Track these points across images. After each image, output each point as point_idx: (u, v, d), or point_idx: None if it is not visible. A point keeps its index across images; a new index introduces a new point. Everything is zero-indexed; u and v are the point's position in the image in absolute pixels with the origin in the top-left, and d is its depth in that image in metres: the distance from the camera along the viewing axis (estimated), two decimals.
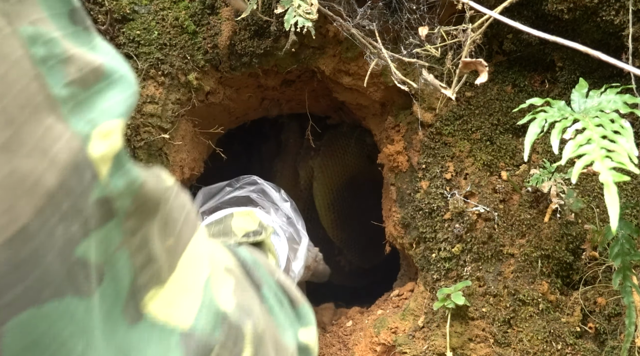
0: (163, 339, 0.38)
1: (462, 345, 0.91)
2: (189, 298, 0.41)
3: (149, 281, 0.38)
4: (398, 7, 0.91)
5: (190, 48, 0.97)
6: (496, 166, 0.95)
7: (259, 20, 0.95)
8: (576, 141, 0.56)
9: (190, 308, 0.41)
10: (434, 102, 0.97)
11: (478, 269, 0.92)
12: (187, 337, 0.40)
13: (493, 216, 0.91)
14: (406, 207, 1.01)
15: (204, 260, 0.45)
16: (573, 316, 0.89)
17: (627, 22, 0.81)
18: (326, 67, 1.03)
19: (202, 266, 0.44)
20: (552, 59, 0.94)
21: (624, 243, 0.76)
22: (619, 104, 0.63)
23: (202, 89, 1.03)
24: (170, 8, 0.97)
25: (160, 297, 0.39)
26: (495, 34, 0.94)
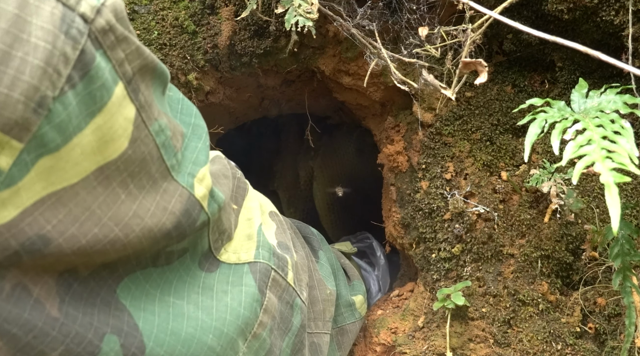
0: (237, 271, 0.56)
1: (462, 345, 0.91)
2: (250, 243, 0.60)
3: (221, 243, 0.55)
4: (398, 7, 0.91)
5: (190, 48, 0.97)
6: (496, 166, 0.94)
7: (258, 20, 0.95)
8: (577, 142, 0.56)
9: (251, 248, 0.59)
10: (434, 102, 0.97)
11: (478, 270, 0.92)
12: (254, 265, 0.59)
13: (493, 216, 0.91)
14: (406, 207, 1.01)
15: (255, 213, 0.63)
16: (573, 317, 0.89)
17: (627, 22, 0.81)
18: (326, 67, 1.03)
19: (255, 218, 0.63)
20: (552, 59, 0.94)
21: (624, 243, 0.76)
22: (619, 104, 0.62)
23: (202, 89, 1.03)
24: (170, 8, 0.97)
25: (230, 248, 0.57)
26: (495, 34, 0.94)
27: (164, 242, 0.46)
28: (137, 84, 0.41)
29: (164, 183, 0.45)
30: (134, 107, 0.41)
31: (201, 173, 0.49)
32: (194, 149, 0.49)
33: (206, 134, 0.51)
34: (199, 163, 0.48)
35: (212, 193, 0.50)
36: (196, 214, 0.48)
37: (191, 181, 0.47)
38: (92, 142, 0.38)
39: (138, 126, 0.41)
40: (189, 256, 0.51)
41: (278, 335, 0.63)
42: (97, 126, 0.38)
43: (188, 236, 0.48)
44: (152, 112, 0.43)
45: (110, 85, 0.39)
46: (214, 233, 0.53)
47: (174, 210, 0.45)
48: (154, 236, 0.44)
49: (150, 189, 0.44)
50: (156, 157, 0.44)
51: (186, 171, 0.47)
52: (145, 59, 0.42)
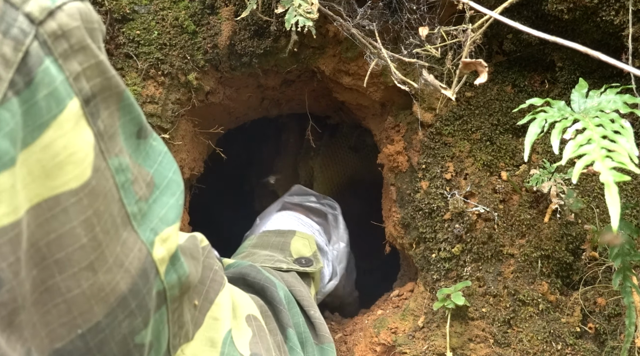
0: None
1: (462, 345, 0.91)
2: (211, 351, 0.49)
3: (179, 341, 0.46)
4: (398, 7, 0.91)
5: (190, 48, 0.97)
6: (496, 166, 0.95)
7: (258, 20, 0.95)
8: (576, 141, 0.56)
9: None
10: (434, 102, 0.97)
11: (478, 270, 0.92)
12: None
13: (493, 216, 0.91)
14: (406, 207, 1.01)
15: (226, 315, 0.53)
16: (573, 317, 0.89)
17: (627, 22, 0.81)
18: (326, 67, 1.03)
19: (225, 322, 0.52)
20: (552, 59, 0.94)
21: (624, 243, 0.76)
22: (619, 104, 0.62)
23: (202, 89, 1.03)
24: (170, 8, 0.97)
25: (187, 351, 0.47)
26: (495, 34, 0.94)
27: (123, 317, 0.37)
28: (97, 107, 0.36)
29: (124, 233, 0.38)
30: (91, 132, 0.36)
31: (166, 233, 0.41)
32: (164, 205, 0.42)
33: (181, 193, 0.44)
34: (166, 221, 0.42)
35: (174, 261, 0.42)
36: (152, 279, 0.40)
37: (152, 238, 0.40)
38: (44, 161, 0.33)
39: (97, 155, 0.36)
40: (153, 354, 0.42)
41: None
42: (48, 143, 0.33)
43: (150, 315, 0.40)
44: (112, 145, 0.38)
45: (63, 97, 0.34)
46: (174, 324, 0.44)
47: (130, 268, 0.38)
48: (106, 299, 0.36)
49: (114, 237, 0.37)
50: (116, 198, 0.38)
51: (149, 226, 0.40)
52: (109, 81, 0.37)
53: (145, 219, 0.40)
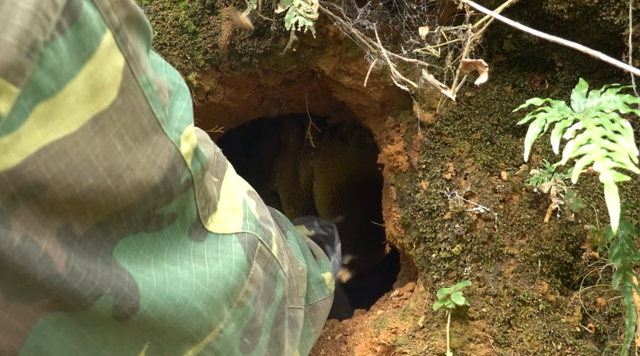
0: (225, 240, 0.57)
1: (462, 345, 0.91)
2: (235, 214, 0.61)
3: (208, 212, 0.56)
4: (398, 7, 0.91)
5: (190, 48, 0.97)
6: (496, 166, 0.95)
7: (259, 20, 0.95)
8: (576, 141, 0.56)
9: (238, 219, 0.61)
10: (434, 102, 0.97)
11: (478, 270, 0.92)
12: (242, 235, 0.60)
13: (493, 216, 0.91)
14: (406, 207, 1.01)
15: (237, 188, 0.64)
16: (573, 317, 0.89)
17: (627, 22, 0.81)
18: (326, 67, 1.03)
19: (238, 192, 0.64)
20: (552, 59, 0.94)
21: (624, 243, 0.76)
22: (619, 104, 0.62)
23: (202, 89, 1.03)
24: (170, 8, 0.97)
25: (216, 218, 0.58)
26: (495, 34, 0.94)
27: (152, 200, 0.46)
28: (124, 34, 0.42)
29: (154, 136, 0.46)
30: (122, 56, 0.42)
31: (187, 131, 0.49)
32: (179, 108, 0.50)
33: (189, 96, 0.52)
34: (185, 121, 0.49)
35: (197, 152, 0.51)
36: (180, 170, 0.48)
37: (178, 137, 0.48)
38: (85, 89, 0.39)
39: (127, 76, 0.42)
40: (179, 223, 0.52)
41: (262, 304, 0.64)
42: (89, 73, 0.39)
43: (175, 196, 0.49)
44: (139, 64, 0.44)
45: (99, 32, 0.39)
46: (201, 199, 0.54)
47: (162, 165, 0.46)
48: (142, 189, 0.44)
49: (143, 142, 0.44)
50: (146, 109, 0.44)
51: (173, 127, 0.48)
52: (131, 10, 0.43)
53: (169, 122, 0.47)
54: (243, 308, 0.60)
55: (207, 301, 0.53)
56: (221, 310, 0.56)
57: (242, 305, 0.60)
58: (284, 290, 0.70)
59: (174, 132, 0.48)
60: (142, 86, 0.44)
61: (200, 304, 0.53)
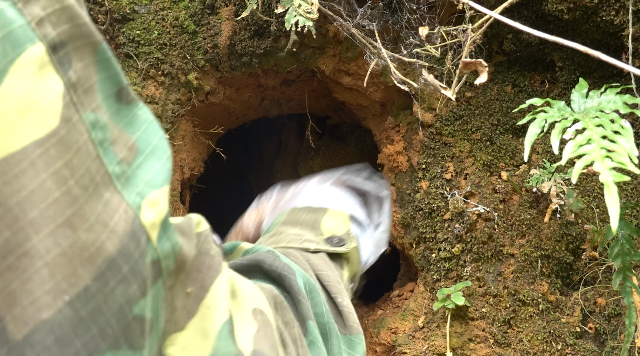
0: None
1: (462, 345, 0.91)
2: (203, 343, 0.45)
3: (171, 328, 0.42)
4: (398, 7, 0.91)
5: (190, 48, 0.97)
6: (496, 166, 0.95)
7: (259, 20, 0.95)
8: (576, 141, 0.56)
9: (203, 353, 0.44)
10: (434, 102, 0.97)
11: (478, 270, 0.92)
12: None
13: (493, 216, 0.91)
14: (406, 207, 1.01)
15: (222, 305, 0.47)
16: (573, 317, 0.89)
17: (627, 22, 0.81)
18: (326, 67, 1.03)
19: (220, 312, 0.47)
20: (552, 59, 0.94)
21: (624, 243, 0.76)
22: (619, 104, 0.62)
23: (202, 89, 1.03)
24: (170, 8, 0.97)
25: (178, 341, 0.43)
26: (495, 34, 0.94)
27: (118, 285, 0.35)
28: (68, 57, 0.35)
29: (105, 192, 0.36)
30: (60, 80, 0.34)
31: (153, 196, 0.39)
32: (149, 169, 0.40)
33: (168, 158, 0.41)
34: (153, 185, 0.39)
35: (166, 227, 0.40)
36: (143, 244, 0.37)
37: (139, 201, 0.37)
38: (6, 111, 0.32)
39: (68, 106, 0.34)
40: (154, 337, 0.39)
41: None
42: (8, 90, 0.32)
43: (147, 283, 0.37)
44: (87, 100, 0.36)
45: (22, 41, 0.32)
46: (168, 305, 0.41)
47: (117, 229, 0.35)
48: (94, 262, 0.33)
49: (94, 195, 0.35)
50: (93, 155, 0.36)
51: (135, 190, 0.38)
52: (79, 29, 0.35)
53: (129, 183, 0.38)
54: None
55: None
56: None
57: None
58: None
59: (133, 195, 0.37)
60: (89, 125, 0.35)
61: None
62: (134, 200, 0.37)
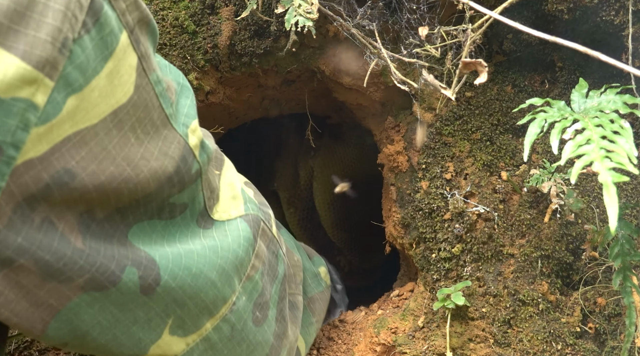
0: (231, 225, 0.61)
1: (462, 345, 0.91)
2: (236, 201, 0.65)
3: (213, 202, 0.60)
4: (398, 7, 0.91)
5: (190, 48, 0.97)
6: (496, 166, 0.94)
7: (259, 20, 0.95)
8: (576, 141, 0.56)
9: (240, 204, 0.65)
10: (434, 102, 0.97)
11: (478, 270, 0.92)
12: (246, 216, 0.64)
13: (493, 216, 0.91)
14: (406, 207, 1.01)
15: (234, 179, 0.68)
16: (573, 317, 0.89)
17: (627, 22, 0.81)
18: (326, 67, 1.03)
19: (235, 182, 0.68)
20: (552, 59, 0.94)
21: (624, 243, 0.76)
22: (619, 104, 0.62)
23: (202, 89, 1.03)
24: (170, 8, 0.97)
25: (219, 208, 0.62)
26: (495, 34, 0.94)
27: (167, 188, 0.50)
28: (137, 34, 0.46)
29: (164, 131, 0.50)
30: (136, 55, 0.45)
31: (193, 125, 0.54)
32: (184, 105, 0.54)
33: (192, 94, 0.56)
34: (190, 116, 0.54)
35: (203, 144, 0.55)
36: (190, 161, 0.53)
37: (185, 130, 0.52)
38: (107, 85, 0.43)
39: (140, 74, 0.46)
40: (188, 213, 0.56)
41: (268, 280, 0.68)
42: (110, 70, 0.43)
43: (186, 185, 0.53)
44: (150, 63, 0.48)
45: (117, 32, 0.43)
46: (207, 190, 0.58)
47: (174, 155, 0.50)
48: (159, 178, 0.49)
49: (154, 135, 0.48)
50: (157, 105, 0.48)
51: (181, 122, 0.52)
52: (142, 13, 0.47)
53: (177, 117, 0.52)
54: (252, 281, 0.63)
55: (220, 272, 0.57)
56: (233, 282, 0.60)
57: (250, 278, 0.63)
58: (285, 268, 0.74)
59: (181, 126, 0.52)
60: (153, 84, 0.48)
61: (214, 274, 0.57)
62: (183, 130, 0.52)
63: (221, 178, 0.64)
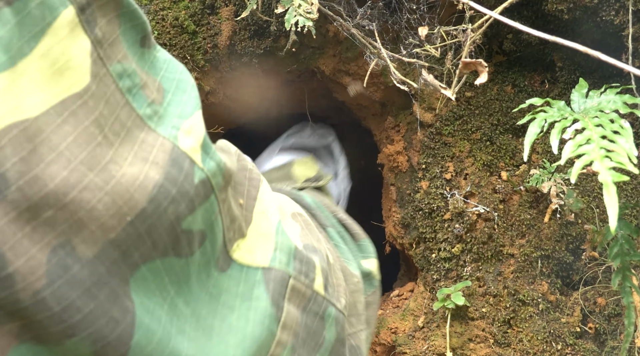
0: (249, 277, 0.48)
1: (462, 345, 0.91)
2: (265, 242, 0.51)
3: (234, 235, 0.47)
4: (398, 7, 0.91)
5: (190, 48, 0.97)
6: (496, 166, 0.95)
7: (259, 20, 0.95)
8: (575, 141, 0.56)
9: (267, 250, 0.50)
10: (434, 102, 0.97)
11: (478, 270, 0.92)
12: (268, 272, 0.49)
13: (493, 216, 0.91)
14: (406, 207, 1.01)
15: (273, 209, 0.54)
16: (573, 317, 0.89)
17: (627, 22, 0.81)
18: (326, 67, 1.03)
19: (272, 214, 0.53)
20: (552, 59, 0.94)
21: (624, 243, 0.76)
22: (619, 104, 0.62)
23: (202, 89, 1.03)
24: (170, 8, 0.97)
25: (243, 246, 0.48)
26: (495, 34, 0.94)
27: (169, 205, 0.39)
28: (93, 16, 0.38)
29: (140, 133, 0.40)
30: (87, 39, 0.37)
31: (187, 125, 0.43)
32: (179, 103, 0.44)
33: (192, 86, 0.46)
34: (184, 116, 0.43)
35: (207, 149, 0.43)
36: (188, 167, 0.41)
37: (174, 133, 0.42)
38: (44, 69, 0.35)
39: (95, 62, 0.38)
40: (209, 245, 0.44)
41: (305, 353, 0.54)
42: (45, 51, 0.35)
43: (196, 202, 0.42)
44: (113, 52, 0.39)
45: (56, 5, 0.35)
46: (226, 215, 0.45)
47: (156, 160, 0.40)
48: (145, 187, 0.38)
49: (126, 138, 0.39)
50: (122, 103, 0.39)
51: (169, 125, 0.42)
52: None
53: (163, 120, 0.42)
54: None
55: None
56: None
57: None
58: (338, 331, 0.58)
59: (168, 129, 0.42)
60: (115, 76, 0.39)
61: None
62: (170, 133, 0.41)
63: (255, 205, 0.51)
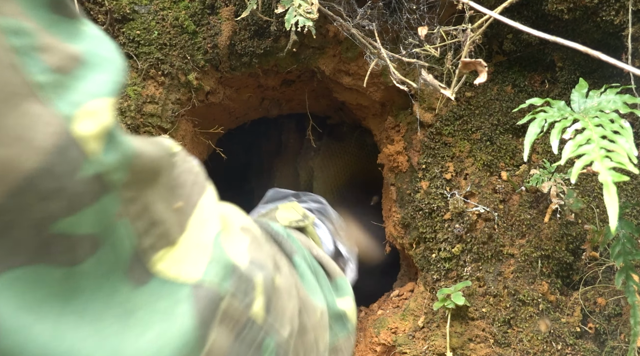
0: (173, 293, 0.39)
1: (462, 345, 0.91)
2: (199, 253, 0.43)
3: (157, 243, 0.39)
4: (398, 7, 0.91)
5: (190, 48, 0.97)
6: (496, 166, 0.94)
7: (259, 20, 0.95)
8: (576, 141, 0.56)
9: (200, 263, 0.42)
10: (434, 102, 0.97)
11: (478, 270, 0.92)
12: (197, 288, 0.40)
13: (493, 216, 0.91)
14: (406, 207, 1.01)
15: (213, 218, 0.46)
16: (573, 317, 0.89)
17: (627, 22, 0.81)
18: (326, 67, 1.03)
19: (212, 223, 0.46)
20: (552, 59, 0.94)
21: (626, 242, 0.76)
22: (619, 104, 0.62)
23: (202, 89, 1.03)
24: (170, 8, 0.97)
25: (170, 256, 0.40)
26: (495, 34, 0.94)
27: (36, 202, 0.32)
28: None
29: (24, 103, 0.32)
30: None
31: (92, 105, 0.35)
32: (94, 81, 0.37)
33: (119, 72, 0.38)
34: (94, 94, 0.36)
35: (112, 138, 0.36)
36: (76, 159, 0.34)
37: (71, 111, 0.34)
38: None
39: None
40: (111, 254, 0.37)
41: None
42: None
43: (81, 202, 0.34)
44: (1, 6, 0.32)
45: None
46: (137, 219, 0.38)
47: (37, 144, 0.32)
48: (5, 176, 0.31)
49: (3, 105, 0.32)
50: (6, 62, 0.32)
51: (69, 99, 0.34)
52: None
53: (63, 91, 0.35)
54: None
55: None
56: None
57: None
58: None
59: (66, 105, 0.34)
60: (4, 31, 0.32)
61: None
62: (64, 109, 0.33)
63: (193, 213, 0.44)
